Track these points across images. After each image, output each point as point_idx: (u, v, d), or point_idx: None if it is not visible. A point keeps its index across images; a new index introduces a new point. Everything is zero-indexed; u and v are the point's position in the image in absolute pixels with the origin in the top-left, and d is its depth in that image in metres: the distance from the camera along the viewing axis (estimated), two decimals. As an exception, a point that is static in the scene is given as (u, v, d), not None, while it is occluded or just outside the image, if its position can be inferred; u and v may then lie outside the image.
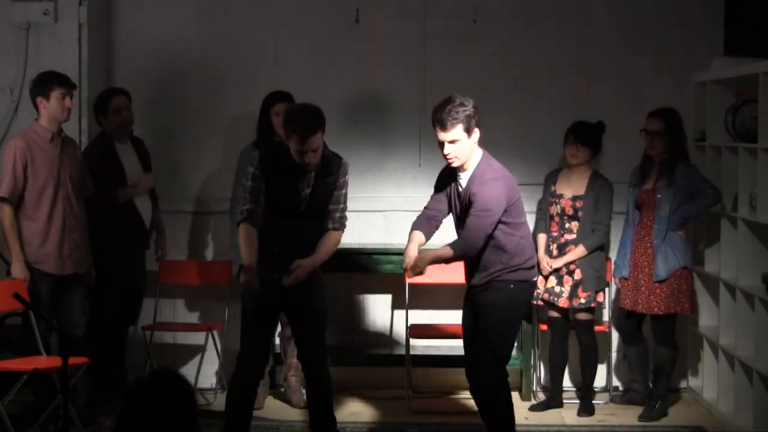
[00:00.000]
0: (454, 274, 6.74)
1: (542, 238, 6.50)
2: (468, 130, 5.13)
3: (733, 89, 6.52)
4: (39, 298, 5.82)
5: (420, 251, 5.25)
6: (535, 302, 6.46)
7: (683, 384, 7.00)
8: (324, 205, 5.30)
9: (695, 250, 6.76)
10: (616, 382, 6.92)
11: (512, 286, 5.22)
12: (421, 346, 6.91)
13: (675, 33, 7.01)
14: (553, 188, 6.52)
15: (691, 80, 6.96)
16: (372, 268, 6.81)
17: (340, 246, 5.77)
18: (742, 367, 6.13)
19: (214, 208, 7.08)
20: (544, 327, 6.73)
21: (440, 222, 5.44)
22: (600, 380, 6.77)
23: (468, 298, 5.44)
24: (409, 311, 6.73)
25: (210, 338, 6.77)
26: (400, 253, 6.68)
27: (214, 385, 6.83)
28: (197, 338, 6.89)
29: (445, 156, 5.18)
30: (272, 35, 7.08)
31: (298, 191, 5.23)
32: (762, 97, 5.88)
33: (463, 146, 5.14)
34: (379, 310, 7.11)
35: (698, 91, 6.89)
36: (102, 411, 6.10)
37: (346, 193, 5.36)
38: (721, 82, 6.65)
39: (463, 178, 5.23)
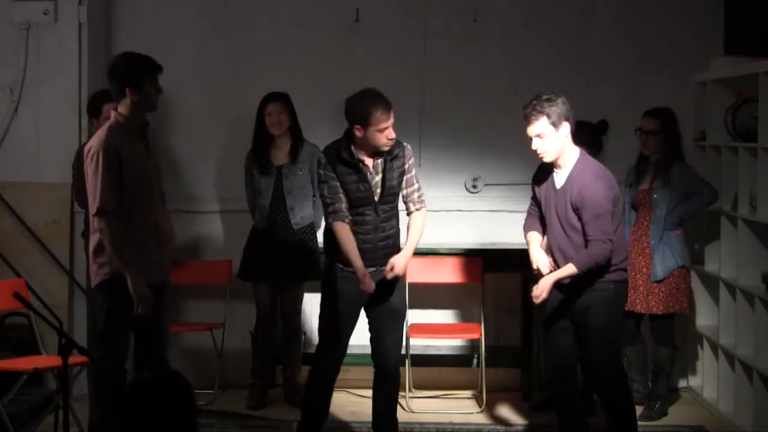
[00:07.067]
0: (454, 274, 6.77)
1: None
2: (555, 124, 5.05)
3: (733, 89, 6.53)
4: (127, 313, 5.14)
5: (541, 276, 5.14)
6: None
7: (683, 384, 7.00)
8: (398, 189, 5.39)
9: (695, 249, 6.77)
10: (616, 382, 6.92)
11: (612, 286, 5.14)
12: (421, 345, 6.92)
13: (675, 33, 7.02)
14: (553, 188, 6.53)
15: (691, 80, 6.96)
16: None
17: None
18: (742, 367, 6.13)
19: (213, 208, 7.09)
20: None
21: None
22: (600, 380, 6.77)
23: (561, 292, 5.25)
24: (409, 311, 6.72)
25: (210, 338, 6.77)
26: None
27: (213, 385, 6.81)
28: (197, 338, 6.89)
29: (535, 151, 5.13)
30: (272, 35, 7.08)
31: (368, 180, 5.31)
32: (762, 96, 5.88)
33: (551, 140, 5.07)
34: (379, 309, 7.10)
35: (698, 91, 6.90)
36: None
37: (416, 174, 5.46)
38: (721, 82, 6.65)
39: (560, 176, 5.14)
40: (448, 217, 7.03)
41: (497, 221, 7.05)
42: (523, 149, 6.92)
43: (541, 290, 5.11)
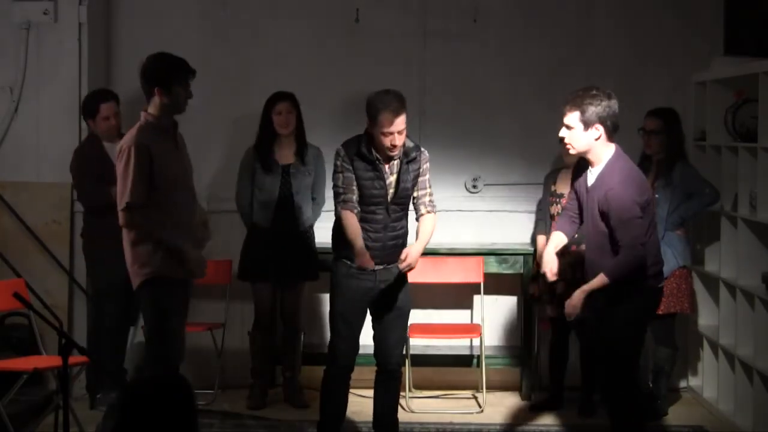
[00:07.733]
0: (454, 274, 6.77)
1: (542, 239, 6.49)
2: (586, 123, 4.92)
3: (733, 89, 6.53)
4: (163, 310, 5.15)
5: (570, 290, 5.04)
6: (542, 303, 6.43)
7: (683, 384, 7.00)
8: (411, 191, 5.40)
9: (695, 249, 6.77)
10: (616, 382, 6.92)
11: (636, 295, 4.98)
12: (421, 345, 6.92)
13: (675, 33, 7.02)
14: (553, 188, 6.53)
15: (691, 80, 6.96)
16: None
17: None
18: (742, 367, 6.13)
19: (213, 208, 7.07)
20: (544, 326, 6.74)
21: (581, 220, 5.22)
22: (600, 380, 6.77)
23: (591, 300, 5.10)
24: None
25: (210, 338, 6.77)
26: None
27: (214, 385, 6.81)
28: (197, 338, 6.89)
29: (560, 139, 5.05)
30: (272, 35, 7.08)
31: (383, 179, 5.31)
32: (762, 96, 5.88)
33: (577, 136, 4.95)
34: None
35: (698, 91, 6.90)
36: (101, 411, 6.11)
37: (429, 178, 5.46)
38: (721, 82, 6.65)
39: (593, 174, 5.02)
40: (448, 217, 7.02)
41: (497, 221, 7.06)
42: (523, 149, 6.97)
43: (572, 308, 4.94)
